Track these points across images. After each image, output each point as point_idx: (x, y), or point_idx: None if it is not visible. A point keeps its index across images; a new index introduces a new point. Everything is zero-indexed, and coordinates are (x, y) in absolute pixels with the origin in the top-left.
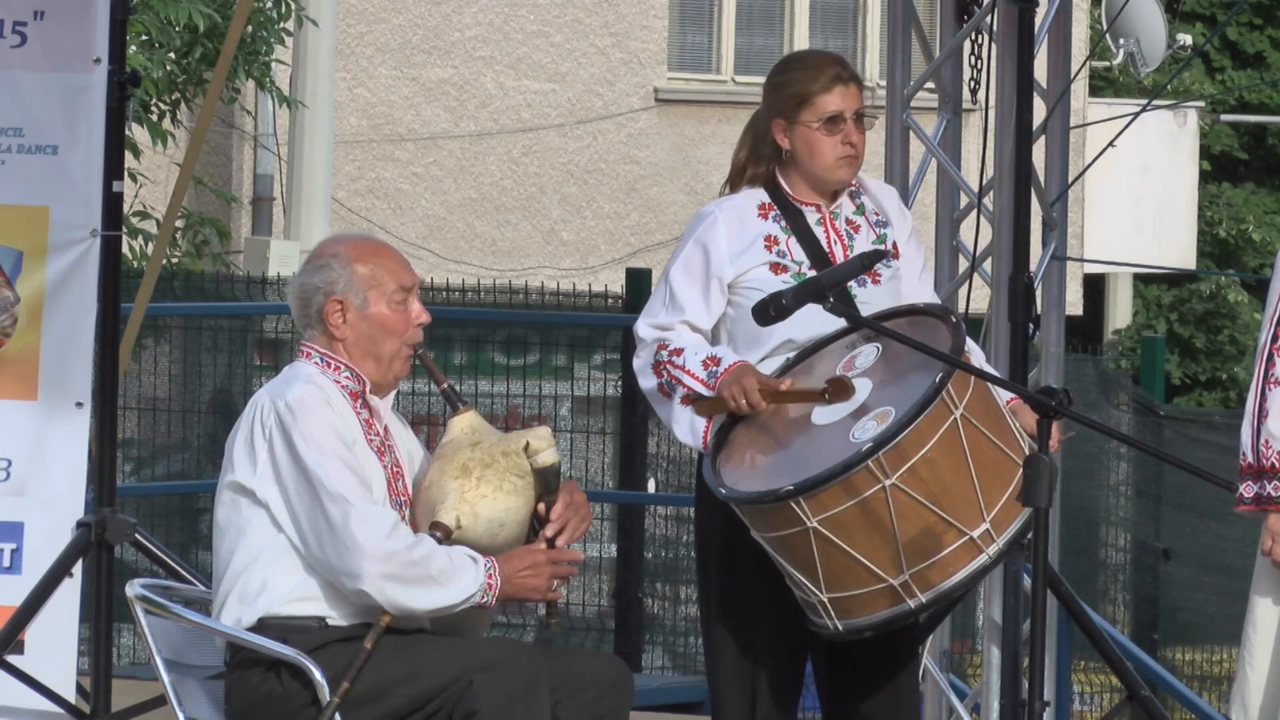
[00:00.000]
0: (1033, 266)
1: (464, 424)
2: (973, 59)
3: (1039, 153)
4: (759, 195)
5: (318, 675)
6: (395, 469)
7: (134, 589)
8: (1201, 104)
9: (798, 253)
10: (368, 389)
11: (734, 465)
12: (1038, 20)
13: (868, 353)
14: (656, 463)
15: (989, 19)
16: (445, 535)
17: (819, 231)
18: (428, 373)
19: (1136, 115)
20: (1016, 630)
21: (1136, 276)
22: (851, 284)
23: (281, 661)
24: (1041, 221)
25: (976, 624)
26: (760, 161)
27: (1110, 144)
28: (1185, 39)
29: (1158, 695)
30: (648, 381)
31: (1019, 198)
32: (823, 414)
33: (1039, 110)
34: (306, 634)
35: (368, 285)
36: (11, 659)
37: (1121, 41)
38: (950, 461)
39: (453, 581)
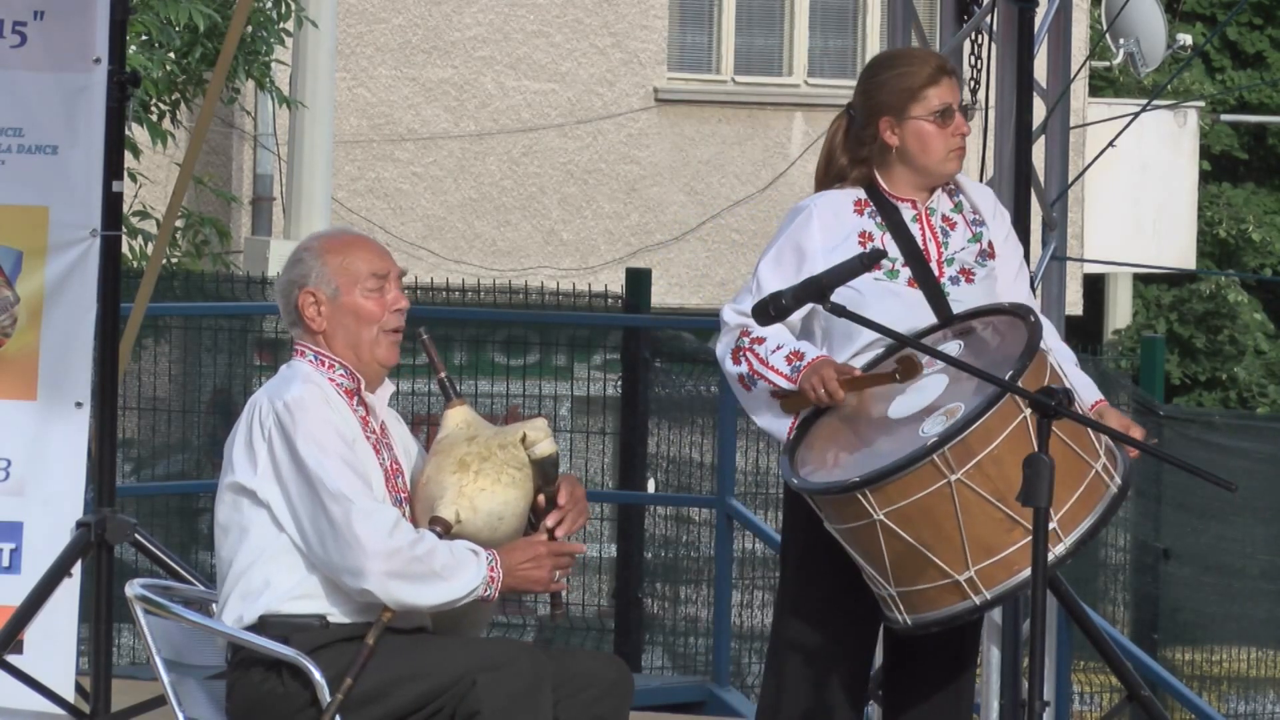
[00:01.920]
0: (1033, 266)
1: (459, 418)
2: (973, 59)
3: (1039, 153)
4: (856, 192)
5: (317, 675)
6: (394, 465)
7: (134, 589)
8: (1201, 104)
9: (892, 249)
10: (362, 386)
11: (815, 457)
12: (1038, 20)
13: (950, 349)
14: (656, 463)
15: (989, 19)
16: (445, 530)
17: (914, 228)
18: (427, 357)
19: (1136, 115)
20: (1016, 630)
21: (1136, 276)
22: (945, 282)
23: (283, 661)
24: (1041, 221)
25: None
26: (860, 164)
27: (1110, 144)
28: (1185, 39)
29: (1158, 695)
30: (730, 368)
31: (1019, 198)
32: (900, 408)
33: (1039, 110)
34: (308, 633)
35: (338, 274)
36: (11, 659)
37: (1121, 41)
38: (1017, 459)
39: (456, 576)
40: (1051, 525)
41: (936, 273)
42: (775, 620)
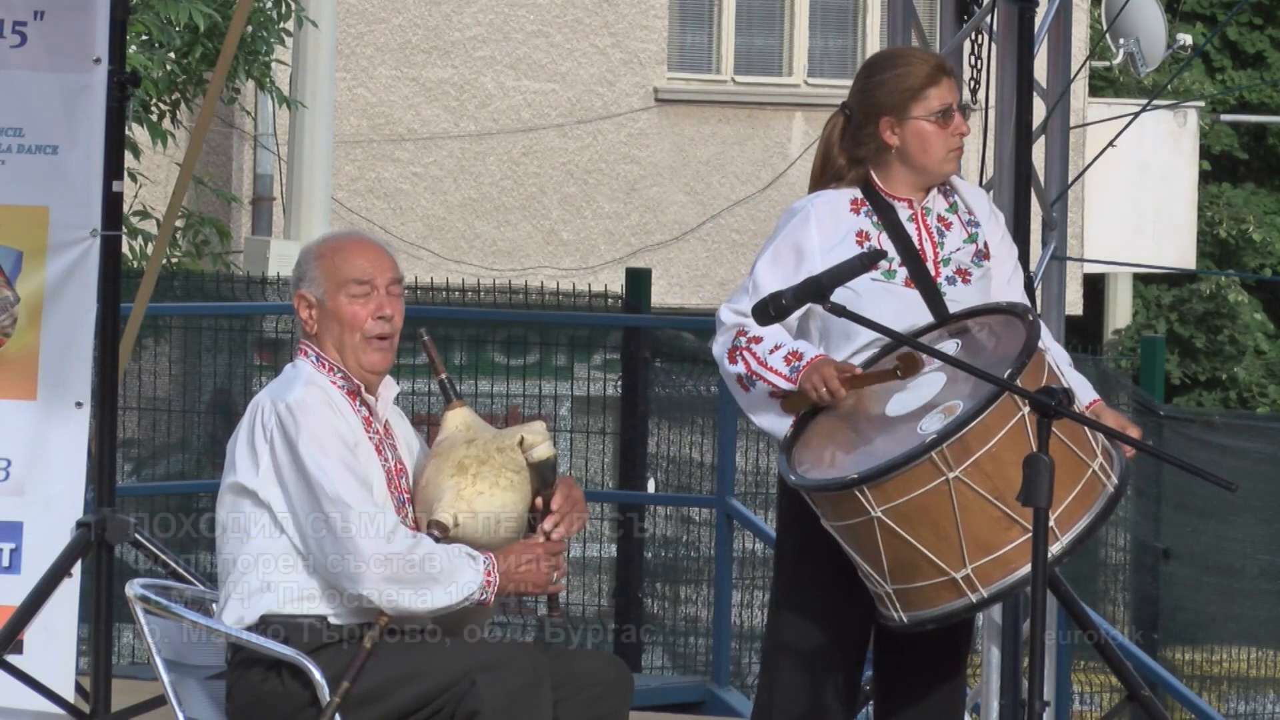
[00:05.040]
0: (1033, 266)
1: (458, 420)
2: (973, 59)
3: (1039, 153)
4: (852, 191)
5: (317, 675)
6: (397, 466)
7: (134, 589)
8: (1201, 104)
9: (890, 248)
10: (363, 388)
11: (812, 455)
12: (1038, 20)
13: (948, 348)
14: (656, 463)
15: (989, 19)
16: (443, 533)
17: (910, 227)
18: (428, 359)
19: (1136, 115)
20: (1016, 630)
21: (1136, 276)
22: (941, 282)
23: (282, 661)
24: (1041, 221)
25: (977, 624)
26: (858, 164)
27: (1110, 144)
28: (1185, 39)
29: (1158, 695)
30: (728, 367)
31: (1019, 198)
32: (897, 406)
33: (1039, 110)
34: (308, 633)
35: (326, 278)
36: (11, 659)
37: (1121, 41)
38: (1016, 457)
39: (453, 580)
40: (1049, 524)
41: (933, 272)
42: (769, 619)
